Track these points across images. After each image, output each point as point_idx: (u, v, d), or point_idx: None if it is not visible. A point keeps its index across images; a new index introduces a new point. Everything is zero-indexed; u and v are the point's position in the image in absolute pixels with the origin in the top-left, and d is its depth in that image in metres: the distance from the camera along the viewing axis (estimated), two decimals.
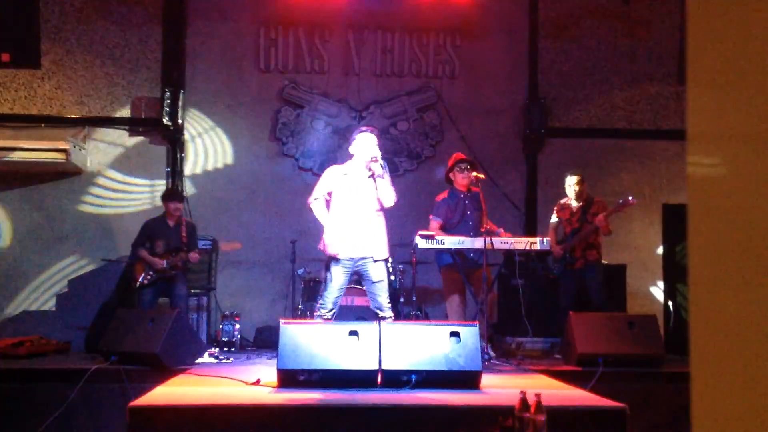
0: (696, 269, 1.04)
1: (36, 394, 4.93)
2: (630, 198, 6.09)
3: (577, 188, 6.48)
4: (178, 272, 6.51)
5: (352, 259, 5.04)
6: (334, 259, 5.05)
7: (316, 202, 5.13)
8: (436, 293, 7.70)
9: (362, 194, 5.09)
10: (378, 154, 5.07)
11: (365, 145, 5.15)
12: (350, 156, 5.28)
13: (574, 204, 6.52)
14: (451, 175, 6.25)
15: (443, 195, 6.22)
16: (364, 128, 5.32)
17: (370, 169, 5.09)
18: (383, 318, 4.99)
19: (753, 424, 0.92)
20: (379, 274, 5.08)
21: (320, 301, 5.11)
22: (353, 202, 5.08)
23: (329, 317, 5.02)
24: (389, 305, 5.12)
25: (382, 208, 5.15)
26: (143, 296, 6.36)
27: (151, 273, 6.36)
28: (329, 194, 5.15)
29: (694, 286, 1.05)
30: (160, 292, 6.48)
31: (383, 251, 5.14)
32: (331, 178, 5.18)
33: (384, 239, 5.17)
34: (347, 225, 5.05)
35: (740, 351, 0.95)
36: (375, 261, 5.07)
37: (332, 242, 5.04)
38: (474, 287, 5.95)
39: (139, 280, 6.35)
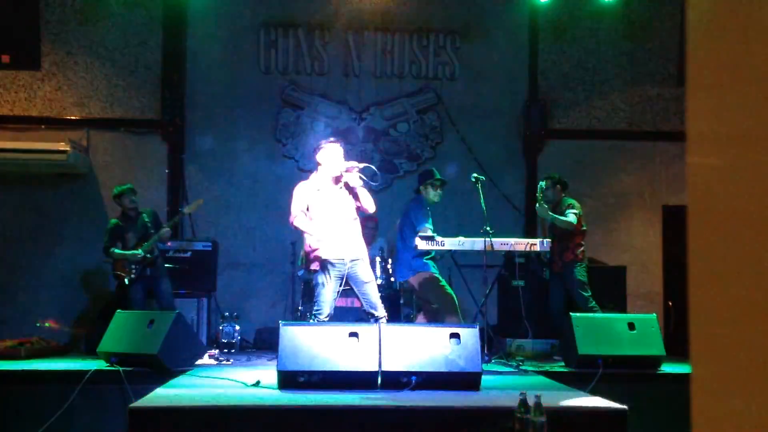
0: (696, 270, 1.04)
1: (36, 396, 4.93)
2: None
3: (541, 193, 6.37)
4: (160, 265, 6.58)
5: (343, 261, 5.05)
6: (326, 264, 5.05)
7: (297, 218, 5.13)
8: None
9: (338, 204, 5.13)
10: (355, 164, 5.10)
11: (334, 156, 5.17)
12: (316, 166, 5.27)
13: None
14: (422, 188, 6.13)
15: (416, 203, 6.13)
16: (332, 139, 5.33)
17: (345, 183, 5.12)
18: (378, 317, 5.02)
19: (753, 426, 0.92)
20: (369, 275, 5.15)
21: (316, 307, 5.10)
22: (331, 213, 5.10)
23: (326, 321, 5.03)
24: (381, 303, 5.17)
25: (358, 217, 5.22)
26: (133, 294, 6.39)
27: (133, 267, 6.40)
28: (307, 208, 5.14)
29: (694, 286, 1.05)
30: (147, 288, 6.51)
31: (366, 253, 5.23)
32: (305, 194, 5.17)
33: (364, 243, 5.26)
34: (331, 231, 5.06)
35: (740, 352, 0.95)
36: (363, 262, 5.12)
37: (321, 248, 5.05)
38: None
39: (125, 277, 6.38)
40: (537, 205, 6.18)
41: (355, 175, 5.08)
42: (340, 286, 5.09)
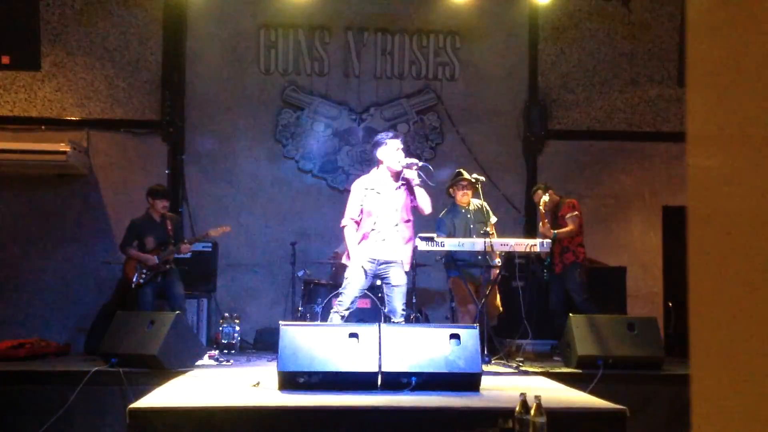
0: (696, 271, 1.04)
1: (36, 397, 4.93)
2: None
3: (537, 201, 6.54)
4: (173, 269, 6.54)
5: (376, 260, 5.04)
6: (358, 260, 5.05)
7: (347, 228, 5.07)
8: (436, 295, 7.70)
9: (392, 205, 5.08)
10: (415, 161, 5.07)
11: (396, 152, 5.11)
12: (376, 163, 5.22)
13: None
14: (451, 190, 6.33)
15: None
16: (392, 134, 5.26)
17: (404, 179, 5.07)
18: (394, 323, 4.98)
19: (753, 427, 0.92)
20: (399, 279, 5.09)
21: (339, 299, 5.11)
22: (382, 214, 5.06)
23: (345, 315, 5.03)
24: (403, 312, 5.12)
25: (410, 219, 5.16)
26: (142, 297, 6.35)
27: (144, 271, 6.38)
28: (360, 211, 5.09)
29: (694, 287, 1.05)
30: (157, 291, 6.48)
31: (407, 259, 5.16)
32: (360, 194, 5.11)
33: (410, 249, 5.18)
34: (376, 232, 5.04)
35: (740, 352, 0.95)
36: (398, 266, 5.07)
37: (360, 246, 5.07)
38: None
39: (134, 280, 6.36)
40: (540, 225, 6.38)
41: (414, 172, 5.04)
42: (368, 284, 5.09)
